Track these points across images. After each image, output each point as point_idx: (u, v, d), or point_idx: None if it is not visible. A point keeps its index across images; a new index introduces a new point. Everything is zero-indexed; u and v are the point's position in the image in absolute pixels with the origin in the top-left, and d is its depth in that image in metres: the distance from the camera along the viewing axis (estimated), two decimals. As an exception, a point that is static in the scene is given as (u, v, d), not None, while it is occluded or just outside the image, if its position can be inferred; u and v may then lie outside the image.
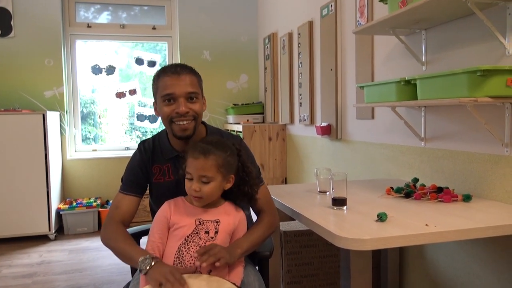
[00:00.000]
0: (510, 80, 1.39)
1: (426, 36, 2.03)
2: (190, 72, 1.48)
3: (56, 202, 4.10)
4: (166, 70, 1.46)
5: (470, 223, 1.33)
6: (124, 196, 1.52)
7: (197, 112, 1.46)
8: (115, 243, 1.42)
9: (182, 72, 1.45)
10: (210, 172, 1.34)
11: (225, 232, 1.39)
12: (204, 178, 1.34)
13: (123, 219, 1.49)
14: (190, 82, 1.45)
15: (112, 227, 1.46)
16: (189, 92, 1.44)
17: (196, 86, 1.47)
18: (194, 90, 1.45)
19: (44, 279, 3.03)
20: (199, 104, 1.48)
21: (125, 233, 1.46)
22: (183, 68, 1.47)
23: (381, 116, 2.43)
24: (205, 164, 1.33)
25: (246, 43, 4.79)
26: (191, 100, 1.45)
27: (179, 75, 1.44)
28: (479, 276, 1.77)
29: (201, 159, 1.34)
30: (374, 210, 1.48)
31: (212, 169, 1.34)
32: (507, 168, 1.61)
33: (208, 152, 1.34)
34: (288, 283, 2.18)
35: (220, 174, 1.36)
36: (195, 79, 1.48)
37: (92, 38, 4.61)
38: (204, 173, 1.33)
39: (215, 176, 1.35)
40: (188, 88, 1.44)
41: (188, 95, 1.44)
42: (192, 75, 1.47)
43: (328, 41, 3.00)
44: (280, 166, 4.07)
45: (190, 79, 1.46)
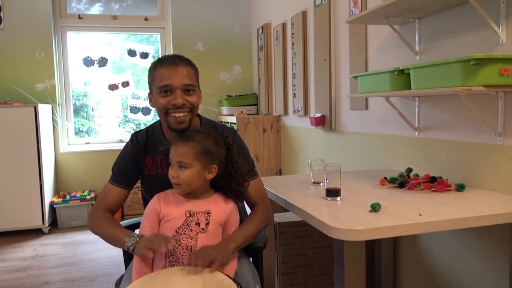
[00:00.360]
0: (503, 69, 1.38)
1: (419, 25, 2.02)
2: (187, 64, 1.46)
3: (50, 196, 4.08)
4: (163, 61, 1.44)
5: (463, 212, 1.33)
6: (113, 187, 1.52)
7: (193, 104, 1.45)
8: (102, 228, 1.43)
9: (179, 63, 1.43)
10: (187, 159, 1.33)
11: (216, 223, 1.38)
12: (181, 164, 1.33)
13: (110, 208, 1.51)
14: (187, 74, 1.43)
15: (98, 213, 1.47)
16: (186, 84, 1.42)
17: (193, 78, 1.46)
18: (191, 82, 1.44)
19: (38, 272, 3.02)
20: (196, 96, 1.46)
21: (111, 218, 1.47)
22: (181, 59, 1.45)
23: (375, 107, 2.43)
24: (182, 150, 1.33)
25: (239, 34, 4.75)
26: (188, 92, 1.44)
27: (176, 66, 1.42)
28: (472, 265, 1.78)
29: (179, 145, 1.34)
30: (367, 201, 1.47)
31: (189, 155, 1.33)
32: (500, 157, 1.61)
33: (187, 139, 1.35)
34: (282, 273, 2.19)
35: (198, 161, 1.35)
36: (192, 71, 1.47)
37: (84, 30, 4.55)
38: (181, 159, 1.33)
39: (193, 163, 1.34)
40: (185, 80, 1.42)
41: (185, 87, 1.43)
42: (189, 67, 1.46)
43: (322, 31, 2.98)
44: (275, 158, 4.06)
45: (188, 71, 1.44)
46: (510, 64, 1.39)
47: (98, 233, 1.45)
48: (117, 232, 1.39)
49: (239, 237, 1.40)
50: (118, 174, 1.53)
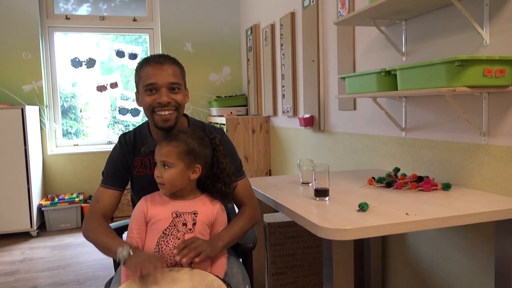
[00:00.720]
0: (487, 70, 1.41)
1: (406, 26, 2.04)
2: (173, 62, 1.47)
3: (38, 199, 4.03)
4: (149, 60, 1.45)
5: (449, 211, 1.35)
6: (106, 190, 1.51)
7: (179, 102, 1.45)
8: (96, 236, 1.41)
9: (165, 62, 1.44)
10: (170, 158, 1.34)
11: (203, 223, 1.39)
12: (164, 163, 1.35)
13: (104, 213, 1.49)
14: (172, 73, 1.44)
15: (93, 220, 1.45)
16: (172, 83, 1.43)
17: (179, 77, 1.46)
18: (176, 81, 1.44)
19: (27, 276, 2.99)
20: (182, 95, 1.47)
21: (106, 226, 1.45)
22: (166, 58, 1.46)
23: (362, 107, 2.45)
24: (166, 150, 1.34)
25: (228, 35, 4.76)
26: (173, 91, 1.44)
27: (161, 65, 1.43)
28: (459, 263, 1.81)
29: (163, 145, 1.36)
30: (355, 200, 1.49)
31: (172, 155, 1.34)
32: (485, 157, 1.64)
33: (170, 139, 1.36)
34: (272, 274, 2.20)
35: (181, 161, 1.35)
36: (178, 70, 1.47)
37: (71, 31, 4.52)
38: (165, 159, 1.34)
39: (175, 163, 1.34)
40: (170, 79, 1.43)
41: (170, 86, 1.43)
42: (175, 65, 1.47)
43: (310, 32, 3.00)
44: (264, 158, 4.07)
45: (173, 69, 1.45)
46: (493, 65, 1.42)
47: (91, 240, 1.43)
48: (110, 241, 1.36)
49: (226, 236, 1.41)
50: (109, 176, 1.53)
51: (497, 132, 1.58)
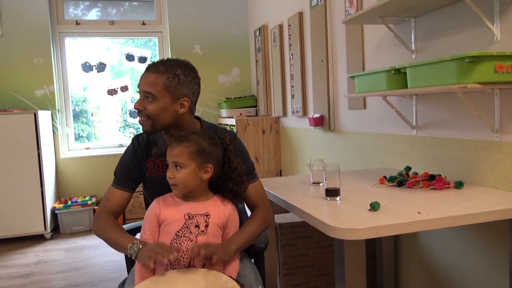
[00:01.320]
0: (498, 66, 1.39)
1: (415, 24, 2.03)
2: (159, 71, 1.41)
3: (51, 202, 4.09)
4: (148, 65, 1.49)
5: (462, 209, 1.34)
6: (116, 190, 1.53)
7: (149, 112, 1.43)
8: (107, 233, 1.44)
9: (150, 69, 1.44)
10: (182, 158, 1.34)
11: (216, 225, 1.39)
12: (176, 163, 1.35)
13: (114, 212, 1.51)
14: (150, 81, 1.41)
15: (103, 218, 1.48)
16: (145, 91, 1.43)
17: (156, 87, 1.40)
18: (149, 90, 1.41)
19: (41, 278, 3.03)
20: (156, 105, 1.42)
21: (115, 223, 1.47)
22: (157, 65, 1.44)
23: (372, 106, 2.44)
24: (178, 150, 1.35)
25: (236, 36, 4.77)
26: (148, 100, 1.43)
27: (146, 72, 1.45)
28: (473, 262, 1.79)
29: (174, 145, 1.36)
30: (367, 200, 1.48)
31: (184, 155, 1.34)
32: (497, 154, 1.62)
33: (181, 139, 1.37)
34: (284, 274, 2.19)
35: (193, 161, 1.35)
36: (160, 79, 1.41)
37: (81, 36, 4.57)
38: (176, 159, 1.35)
39: (187, 163, 1.35)
40: (145, 87, 1.43)
41: (144, 94, 1.44)
42: (158, 75, 1.41)
43: (318, 32, 2.99)
44: (275, 159, 4.07)
45: (153, 78, 1.41)
46: (505, 61, 1.40)
47: (102, 237, 1.46)
48: (121, 238, 1.39)
49: (239, 239, 1.41)
50: (121, 177, 1.54)
51: (510, 129, 1.56)
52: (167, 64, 1.44)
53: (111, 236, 1.42)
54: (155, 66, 1.44)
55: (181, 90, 1.44)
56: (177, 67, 1.44)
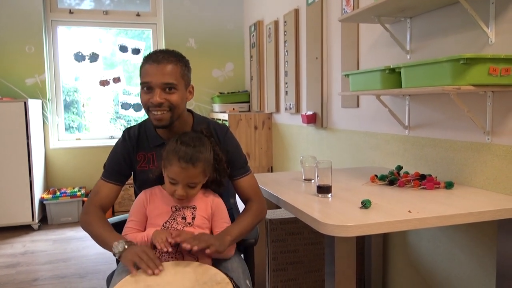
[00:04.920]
0: (492, 69, 1.41)
1: (411, 24, 2.04)
2: (172, 61, 1.40)
3: (40, 192, 4.05)
4: (150, 57, 1.42)
5: (452, 209, 1.35)
6: (105, 183, 1.52)
7: (173, 103, 1.40)
8: (93, 228, 1.42)
9: (163, 60, 1.38)
10: (198, 179, 1.37)
11: (202, 217, 1.41)
12: (191, 184, 1.36)
13: (102, 205, 1.50)
14: (169, 72, 1.38)
15: (91, 212, 1.46)
16: (166, 83, 1.38)
17: (176, 76, 1.40)
18: (171, 81, 1.39)
19: (28, 269, 3.00)
20: (177, 95, 1.41)
21: (102, 219, 1.46)
22: (167, 55, 1.40)
23: (366, 105, 2.45)
24: (194, 173, 1.35)
25: (232, 31, 4.75)
26: (169, 91, 1.40)
27: (158, 64, 1.38)
28: (460, 262, 1.81)
29: (190, 168, 1.33)
30: (358, 197, 1.49)
31: (200, 175, 1.37)
32: (488, 156, 1.64)
33: (195, 160, 1.33)
34: (273, 270, 2.20)
35: (204, 175, 1.39)
36: (177, 68, 1.41)
37: (74, 25, 4.51)
38: (193, 181, 1.36)
39: (202, 180, 1.39)
40: (165, 79, 1.38)
41: (164, 86, 1.39)
42: (174, 64, 1.40)
43: (314, 29, 2.99)
44: (266, 155, 4.07)
45: (171, 68, 1.39)
46: (498, 64, 1.41)
47: (88, 231, 1.45)
48: (107, 234, 1.38)
49: (234, 230, 1.42)
50: (110, 170, 1.53)
51: (501, 131, 1.58)
52: (173, 53, 1.43)
53: (97, 232, 1.41)
54: (165, 56, 1.39)
55: (189, 78, 1.46)
56: (180, 55, 1.46)
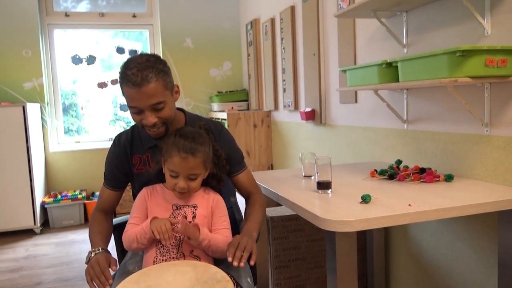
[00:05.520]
0: (489, 60, 1.40)
1: (407, 18, 2.03)
2: (152, 78, 1.32)
3: (41, 196, 4.05)
4: (128, 79, 1.32)
5: (452, 202, 1.35)
6: (105, 189, 1.58)
7: (166, 118, 1.40)
8: (90, 232, 1.52)
9: (142, 82, 1.30)
10: (198, 170, 1.37)
11: (203, 216, 1.41)
12: (192, 176, 1.36)
13: (104, 209, 1.58)
14: (153, 92, 1.32)
15: (93, 216, 1.56)
16: (153, 104, 1.35)
17: (161, 92, 1.34)
18: (158, 100, 1.34)
19: (31, 273, 3.00)
20: (167, 108, 1.38)
21: (99, 224, 1.53)
22: (144, 73, 1.31)
23: (364, 100, 2.44)
24: (194, 163, 1.34)
25: (228, 30, 4.74)
26: (158, 109, 1.37)
27: (140, 87, 1.30)
28: (462, 254, 1.81)
29: (190, 158, 1.33)
30: (358, 193, 1.49)
31: (200, 166, 1.37)
32: (487, 147, 1.64)
33: (195, 151, 1.33)
34: (276, 267, 2.20)
35: (205, 168, 1.39)
36: (159, 84, 1.34)
37: (71, 27, 4.51)
38: (193, 172, 1.35)
39: (202, 172, 1.39)
40: (151, 100, 1.33)
41: (153, 107, 1.35)
42: (154, 81, 1.32)
43: (310, 26, 2.99)
44: (266, 153, 4.07)
45: (153, 87, 1.32)
46: (495, 55, 1.41)
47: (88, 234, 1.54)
48: (93, 241, 1.47)
49: (256, 225, 1.44)
50: (108, 177, 1.56)
51: (499, 122, 1.58)
52: (148, 67, 1.33)
53: (90, 237, 1.50)
54: (143, 76, 1.31)
55: (171, 80, 1.42)
56: (155, 63, 1.35)
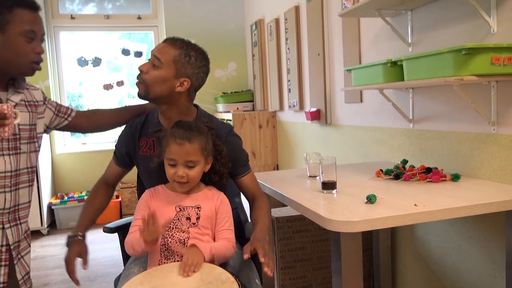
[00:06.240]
0: (495, 58, 1.39)
1: (411, 16, 2.02)
2: (173, 44, 1.45)
3: (48, 197, 4.07)
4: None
5: (458, 202, 1.34)
6: (112, 163, 1.67)
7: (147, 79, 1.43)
8: (84, 205, 1.63)
9: (167, 40, 1.46)
10: (196, 156, 1.34)
11: (207, 216, 1.39)
12: (190, 163, 1.34)
13: (108, 181, 1.67)
14: (163, 50, 1.43)
15: (96, 186, 1.66)
16: (155, 56, 1.43)
17: (166, 56, 1.42)
18: (158, 56, 1.42)
19: (39, 274, 3.02)
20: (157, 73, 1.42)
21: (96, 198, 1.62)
22: (175, 39, 1.46)
23: (369, 99, 2.43)
24: (191, 149, 1.33)
25: (233, 31, 4.74)
26: (153, 66, 1.43)
27: (164, 42, 1.46)
28: (469, 254, 1.79)
29: (186, 144, 1.33)
30: (363, 193, 1.48)
31: (197, 152, 1.34)
32: (494, 147, 1.62)
33: (191, 137, 1.34)
34: (281, 268, 2.20)
35: (203, 157, 1.37)
36: (173, 51, 1.43)
37: (76, 30, 4.54)
38: (191, 158, 1.33)
39: (200, 160, 1.36)
40: (156, 52, 1.44)
41: (153, 59, 1.44)
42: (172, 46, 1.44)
43: (315, 26, 2.98)
44: (271, 153, 4.07)
45: (167, 48, 1.44)
46: (501, 53, 1.39)
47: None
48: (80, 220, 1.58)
49: (267, 229, 1.43)
50: (117, 153, 1.63)
51: (507, 121, 1.56)
52: (185, 42, 1.46)
53: (81, 210, 1.61)
54: (174, 39, 1.46)
55: (187, 70, 1.44)
56: (192, 49, 1.46)
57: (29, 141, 1.42)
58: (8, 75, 1.39)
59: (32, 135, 1.44)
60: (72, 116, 1.61)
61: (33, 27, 1.34)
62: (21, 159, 1.39)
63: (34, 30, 1.35)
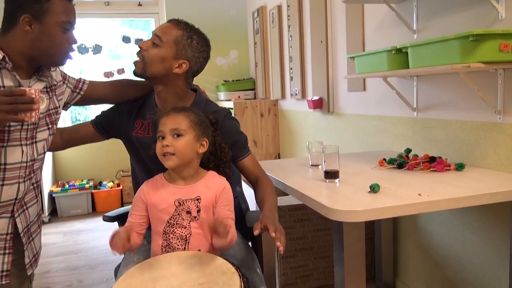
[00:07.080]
0: (503, 45, 1.36)
1: (417, 3, 1.98)
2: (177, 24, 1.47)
3: (49, 185, 4.07)
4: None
5: (463, 191, 1.32)
6: (88, 123, 1.61)
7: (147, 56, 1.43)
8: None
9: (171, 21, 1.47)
10: (182, 125, 1.29)
11: (208, 208, 1.33)
12: (176, 131, 1.28)
13: (63, 131, 1.60)
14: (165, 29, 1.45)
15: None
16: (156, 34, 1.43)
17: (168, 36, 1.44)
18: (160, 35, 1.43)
19: (40, 262, 3.02)
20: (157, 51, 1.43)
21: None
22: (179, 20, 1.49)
23: (372, 88, 2.40)
24: (177, 118, 1.30)
25: (235, 18, 4.68)
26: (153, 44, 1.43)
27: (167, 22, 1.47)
28: (472, 244, 1.77)
29: (171, 114, 1.31)
30: (366, 182, 1.46)
31: (184, 122, 1.30)
32: (500, 136, 1.59)
33: (180, 109, 1.33)
34: (282, 257, 2.19)
35: (193, 130, 1.31)
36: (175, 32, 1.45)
37: (76, 16, 4.47)
38: (176, 126, 1.28)
39: (188, 131, 1.30)
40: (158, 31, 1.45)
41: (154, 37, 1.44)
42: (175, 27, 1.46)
43: (318, 12, 2.93)
44: (273, 142, 4.04)
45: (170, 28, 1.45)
46: (510, 40, 1.36)
47: None
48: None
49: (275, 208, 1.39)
50: (101, 114, 1.59)
51: (513, 109, 1.53)
52: (189, 24, 1.47)
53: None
54: (178, 20, 1.46)
55: (187, 52, 1.43)
56: (195, 33, 1.47)
57: (46, 128, 1.40)
58: (40, 64, 1.37)
59: (51, 119, 1.42)
60: (84, 90, 1.57)
61: (69, 17, 1.35)
62: (38, 148, 1.37)
63: (70, 20, 1.35)
